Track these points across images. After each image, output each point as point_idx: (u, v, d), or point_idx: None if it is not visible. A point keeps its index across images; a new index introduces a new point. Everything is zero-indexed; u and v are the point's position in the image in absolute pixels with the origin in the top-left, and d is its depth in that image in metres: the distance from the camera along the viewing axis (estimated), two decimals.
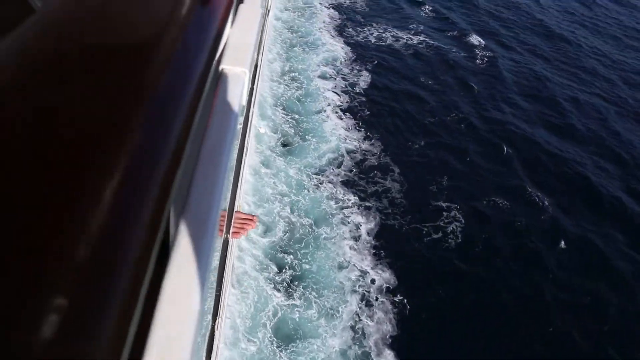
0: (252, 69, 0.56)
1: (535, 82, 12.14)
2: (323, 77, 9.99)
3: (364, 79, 10.20)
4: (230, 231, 2.63)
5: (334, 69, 10.31)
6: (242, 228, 2.75)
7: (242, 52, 0.50)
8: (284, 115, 8.59)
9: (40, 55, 0.27)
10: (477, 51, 12.89)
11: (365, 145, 8.42)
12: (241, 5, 0.57)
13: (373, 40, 11.94)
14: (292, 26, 11.72)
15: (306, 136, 8.27)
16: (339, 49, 11.16)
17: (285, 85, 9.53)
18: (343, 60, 10.74)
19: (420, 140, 8.90)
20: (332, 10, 12.98)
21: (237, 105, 0.44)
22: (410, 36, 12.67)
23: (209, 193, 0.35)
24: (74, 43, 0.29)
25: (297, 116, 8.65)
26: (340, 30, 12.05)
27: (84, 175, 0.25)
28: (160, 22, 0.35)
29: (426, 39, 12.69)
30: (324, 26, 12.09)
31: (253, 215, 2.77)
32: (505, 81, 11.86)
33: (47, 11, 0.31)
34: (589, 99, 11.89)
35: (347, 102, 9.38)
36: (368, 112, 9.22)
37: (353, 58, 10.90)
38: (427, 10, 14.59)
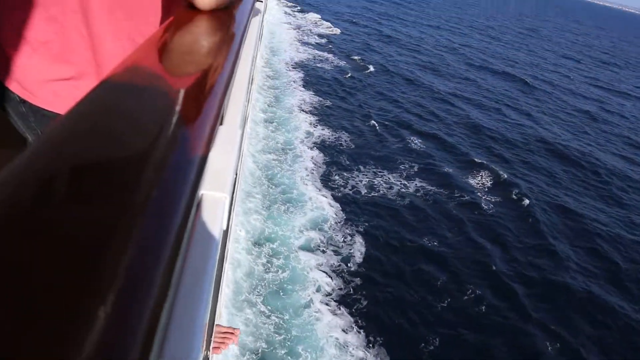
0: (232, 193, 0.55)
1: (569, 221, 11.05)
2: (309, 248, 8.36)
3: (358, 250, 8.59)
4: (211, 347, 2.26)
5: (322, 235, 8.72)
6: (223, 342, 2.47)
7: (222, 176, 0.49)
8: (262, 317, 6.77)
9: (28, 181, 0.29)
10: (481, 193, 11.69)
11: (370, 356, 6.58)
12: (220, 127, 0.55)
13: (363, 191, 10.55)
14: (271, 176, 10.30)
15: (295, 348, 6.42)
16: (326, 205, 9.68)
17: (264, 263, 7.85)
18: (332, 221, 9.20)
19: (434, 338, 7.13)
20: (315, 152, 11.73)
21: (218, 231, 0.44)
22: (404, 181, 11.39)
23: (190, 332, 0.34)
24: (60, 169, 0.31)
25: (279, 316, 6.84)
26: (326, 180, 10.67)
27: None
28: (142, 151, 0.36)
29: (422, 184, 11.43)
30: (308, 175, 10.72)
31: (234, 329, 2.49)
32: (523, 227, 10.60)
33: (38, 142, 0.33)
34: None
35: (340, 287, 7.66)
36: (366, 302, 7.49)
37: (343, 218, 9.38)
38: (416, 142, 13.59)
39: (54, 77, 1.05)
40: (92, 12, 1.00)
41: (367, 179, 11.09)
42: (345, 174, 11.06)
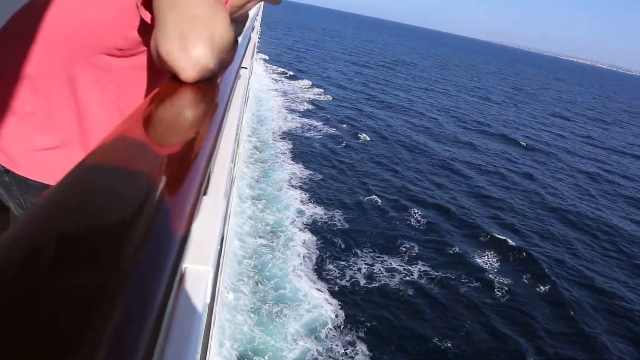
0: (216, 266, 0.56)
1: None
2: None
3: None
4: None
5: (319, 346, 7.35)
6: None
7: (206, 249, 0.49)
8: None
9: (11, 257, 0.30)
10: (493, 273, 10.48)
11: None
12: (204, 197, 0.56)
13: (363, 282, 9.28)
14: (261, 266, 9.04)
15: None
16: (323, 303, 8.37)
17: None
18: (330, 325, 7.86)
19: None
20: (307, 234, 10.53)
21: (201, 305, 0.44)
22: (406, 265, 10.16)
23: None
24: (47, 242, 0.33)
25: None
26: (321, 269, 9.42)
27: None
28: (125, 224, 0.37)
29: (426, 267, 10.21)
30: (301, 263, 9.47)
31: None
32: (545, 310, 9.37)
33: (25, 216, 0.34)
34: None
35: None
36: None
37: (343, 319, 8.05)
38: (416, 216, 12.48)
39: (39, 146, 1.05)
40: (79, 83, 1.01)
41: (366, 266, 9.85)
42: (341, 262, 9.81)
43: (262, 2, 1.34)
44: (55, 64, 1.01)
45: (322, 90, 25.14)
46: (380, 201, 12.81)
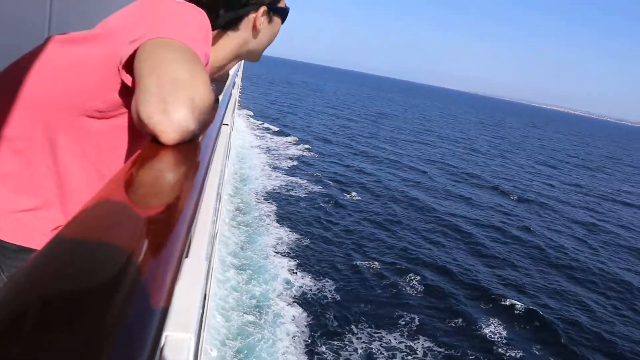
0: (198, 333, 0.56)
1: None
2: None
3: None
4: None
5: None
6: None
7: (187, 315, 0.51)
8: None
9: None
10: (503, 346, 9.41)
11: None
12: (186, 260, 0.58)
13: None
14: (247, 350, 7.86)
15: None
16: None
17: None
18: None
19: None
20: (297, 309, 9.41)
21: None
22: (407, 341, 9.05)
23: None
24: (27, 306, 0.33)
25: None
26: (311, 352, 8.26)
27: None
28: (106, 290, 0.37)
29: (430, 342, 9.11)
30: (291, 344, 8.32)
31: None
32: None
33: (7, 285, 0.35)
34: None
35: None
36: None
37: None
38: (413, 282, 11.44)
39: (17, 208, 1.03)
40: (59, 145, 1.02)
41: (363, 346, 8.71)
42: (335, 342, 8.66)
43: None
44: (36, 127, 1.01)
45: (306, 146, 24.51)
46: (374, 266, 11.80)
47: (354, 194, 17.24)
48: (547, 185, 26.88)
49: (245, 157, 19.31)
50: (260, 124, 29.10)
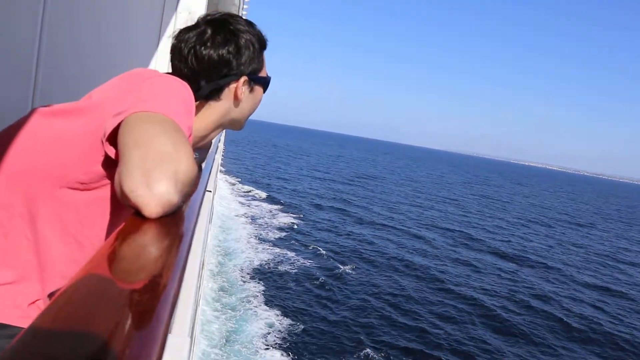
0: None
1: None
2: None
3: None
4: None
5: None
6: None
7: None
8: None
9: None
10: None
11: None
12: (169, 336, 0.57)
13: None
14: None
15: None
16: None
17: None
18: None
19: None
20: None
21: None
22: None
23: None
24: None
25: None
26: None
27: None
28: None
29: None
30: None
31: None
32: None
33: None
34: None
35: None
36: None
37: None
38: None
39: None
40: (39, 217, 1.00)
41: None
42: None
43: None
44: (16, 198, 1.01)
45: (295, 213, 23.13)
46: (378, 355, 10.15)
47: (350, 265, 15.73)
48: (546, 246, 25.69)
49: (230, 228, 17.82)
50: (246, 191, 27.82)
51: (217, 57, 1.16)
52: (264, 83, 1.28)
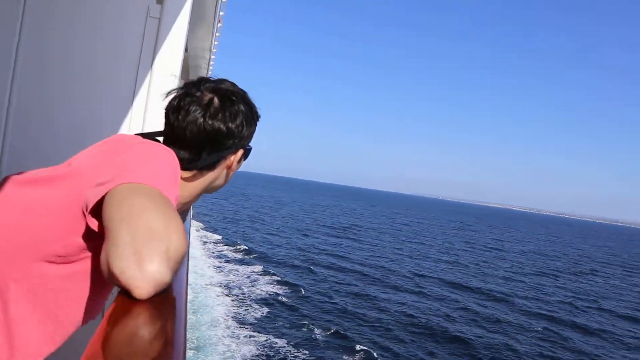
0: None
1: None
2: None
3: None
4: None
5: None
6: None
7: None
8: None
9: None
10: None
11: None
12: None
13: None
14: None
15: None
16: None
17: None
18: None
19: None
20: None
21: None
22: None
23: None
24: None
25: None
26: None
27: None
28: None
29: None
30: None
31: None
32: None
33: None
34: None
35: None
36: None
37: None
38: None
39: None
40: (11, 294, 0.94)
41: None
42: None
43: None
44: None
45: (279, 277, 19.81)
46: None
47: (357, 348, 12.47)
48: (566, 304, 22.82)
49: (205, 307, 14.36)
50: (220, 249, 24.38)
51: (226, 130, 1.14)
52: (249, 154, 1.25)
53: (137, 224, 0.74)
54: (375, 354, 12.53)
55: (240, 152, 1.19)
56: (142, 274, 0.70)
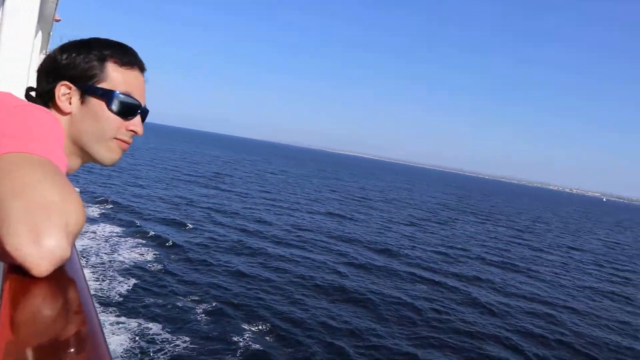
0: None
1: None
2: None
3: None
4: None
5: None
6: None
7: None
8: None
9: None
10: None
11: None
12: None
13: None
14: None
15: None
16: None
17: None
18: None
19: None
20: None
21: None
22: None
23: None
24: None
25: None
26: None
27: None
28: None
29: None
30: None
31: None
32: None
33: None
34: None
35: None
36: None
37: None
38: None
39: None
40: None
41: None
42: None
43: None
44: None
45: (141, 240, 16.76)
46: None
47: (248, 319, 10.50)
48: (434, 252, 23.38)
49: None
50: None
51: (60, 58, 1.10)
52: (105, 97, 1.08)
53: (32, 198, 0.69)
54: (269, 327, 10.77)
55: (63, 83, 1.08)
56: (41, 251, 0.67)
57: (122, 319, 10.11)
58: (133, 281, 12.44)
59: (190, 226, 20.31)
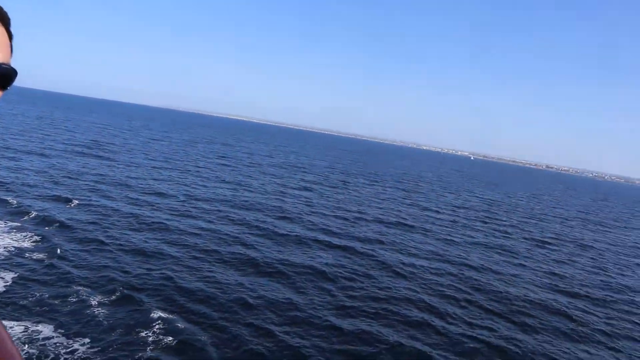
0: None
1: None
2: None
3: None
4: None
5: None
6: None
7: None
8: None
9: None
10: None
11: None
12: None
13: None
14: None
15: None
16: None
17: None
18: None
19: None
20: None
21: None
22: None
23: None
24: None
25: None
26: None
27: None
28: None
29: None
30: None
31: None
32: None
33: None
34: None
35: None
36: None
37: None
38: None
39: None
40: None
41: None
42: None
43: None
44: None
45: (16, 224, 14.48)
46: None
47: (152, 308, 9.44)
48: (333, 216, 23.60)
49: None
50: None
51: None
52: None
53: None
54: (181, 311, 9.83)
55: None
56: None
57: (4, 322, 8.50)
58: (11, 274, 10.57)
59: (76, 202, 18.02)
